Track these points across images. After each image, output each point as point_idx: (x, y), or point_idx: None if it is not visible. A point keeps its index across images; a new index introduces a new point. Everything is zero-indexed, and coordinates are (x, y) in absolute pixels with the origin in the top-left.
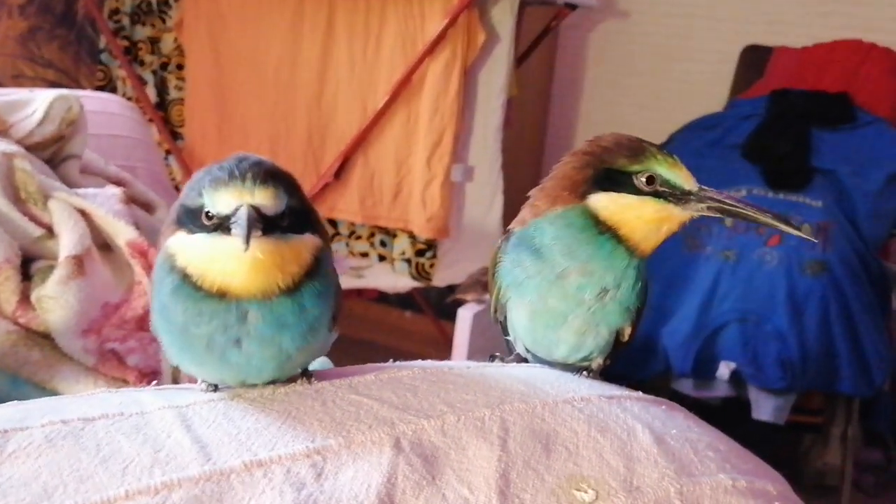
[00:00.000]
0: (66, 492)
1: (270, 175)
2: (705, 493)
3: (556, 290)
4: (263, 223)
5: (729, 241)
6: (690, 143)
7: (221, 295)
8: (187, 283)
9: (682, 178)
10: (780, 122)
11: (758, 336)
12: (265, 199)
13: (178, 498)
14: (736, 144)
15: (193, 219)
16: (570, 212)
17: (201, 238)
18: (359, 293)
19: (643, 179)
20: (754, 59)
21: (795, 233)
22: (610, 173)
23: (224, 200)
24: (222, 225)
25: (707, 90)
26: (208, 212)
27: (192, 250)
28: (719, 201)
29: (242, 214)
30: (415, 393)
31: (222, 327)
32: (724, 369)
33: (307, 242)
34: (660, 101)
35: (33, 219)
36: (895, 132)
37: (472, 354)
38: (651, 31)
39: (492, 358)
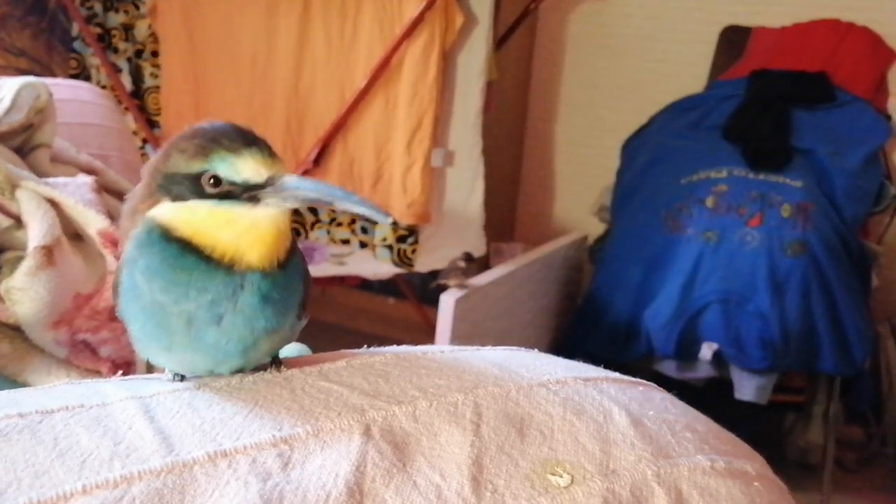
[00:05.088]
0: (20, 487)
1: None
2: (683, 474)
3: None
4: None
5: (710, 223)
6: (671, 125)
7: (228, 266)
8: (189, 253)
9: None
10: (760, 102)
11: (739, 317)
12: (283, 169)
13: (139, 491)
14: (716, 125)
15: (191, 185)
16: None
17: (214, 205)
18: (341, 280)
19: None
20: (733, 40)
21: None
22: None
23: (251, 168)
24: (240, 194)
25: (687, 71)
26: (214, 177)
27: (206, 219)
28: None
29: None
30: (386, 379)
31: (209, 302)
32: (707, 350)
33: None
34: (640, 82)
35: (0, 209)
36: (874, 111)
37: (456, 340)
38: (630, 12)
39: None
